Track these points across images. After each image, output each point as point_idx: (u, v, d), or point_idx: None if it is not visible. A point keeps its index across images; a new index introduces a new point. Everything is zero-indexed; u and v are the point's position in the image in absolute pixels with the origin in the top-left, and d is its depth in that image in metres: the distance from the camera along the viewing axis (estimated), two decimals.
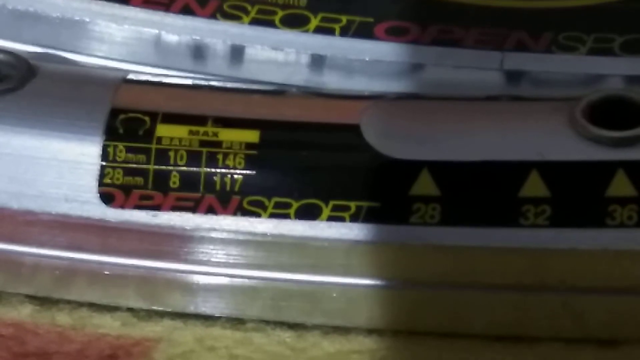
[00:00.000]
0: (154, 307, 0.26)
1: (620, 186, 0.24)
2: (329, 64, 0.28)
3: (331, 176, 0.25)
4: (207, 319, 0.26)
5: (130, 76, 0.27)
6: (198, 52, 0.29)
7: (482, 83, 0.28)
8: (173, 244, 0.25)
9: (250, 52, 0.28)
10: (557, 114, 0.25)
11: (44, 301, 0.26)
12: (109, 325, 0.25)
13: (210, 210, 0.25)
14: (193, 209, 0.25)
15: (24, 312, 0.26)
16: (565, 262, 0.24)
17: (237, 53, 0.28)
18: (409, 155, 0.25)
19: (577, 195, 0.24)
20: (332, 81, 0.28)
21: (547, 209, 0.24)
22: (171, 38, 0.28)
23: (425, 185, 0.24)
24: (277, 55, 0.28)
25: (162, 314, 0.26)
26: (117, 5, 0.28)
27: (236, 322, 0.26)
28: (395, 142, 0.25)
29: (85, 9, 0.28)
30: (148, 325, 0.25)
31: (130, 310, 0.26)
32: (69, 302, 0.26)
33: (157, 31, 0.28)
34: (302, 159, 0.25)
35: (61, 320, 0.26)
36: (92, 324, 0.25)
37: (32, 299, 0.26)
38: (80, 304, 0.26)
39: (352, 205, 0.25)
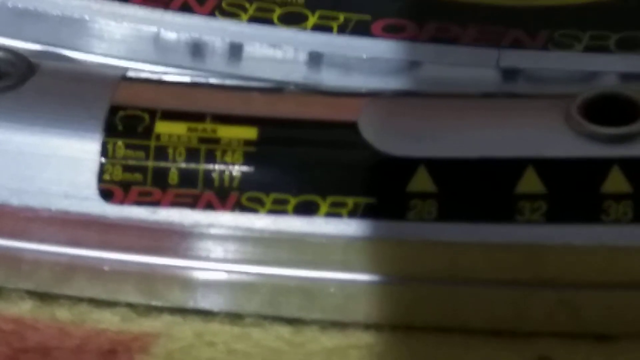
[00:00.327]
0: (153, 303, 0.26)
1: (616, 182, 0.24)
2: (327, 61, 0.28)
3: (329, 173, 0.25)
4: (206, 314, 0.26)
5: (130, 73, 0.27)
6: (197, 49, 0.29)
7: (479, 80, 0.28)
8: (172, 239, 0.25)
9: (249, 49, 0.29)
10: (553, 111, 0.25)
11: (44, 297, 0.26)
12: (108, 320, 0.26)
13: (209, 207, 0.25)
14: (192, 205, 0.25)
15: (24, 308, 0.26)
16: (561, 258, 0.25)
17: (235, 50, 0.29)
18: (406, 152, 0.25)
19: (573, 191, 0.24)
20: (330, 78, 0.28)
21: (542, 205, 0.24)
22: (170, 35, 0.29)
23: (422, 182, 0.25)
24: (275, 52, 0.28)
25: (161, 310, 0.26)
26: (116, 3, 0.28)
27: (235, 317, 0.26)
28: (392, 139, 0.25)
29: (85, 6, 0.28)
30: (147, 321, 0.26)
31: (129, 305, 0.26)
32: (68, 297, 0.26)
33: (156, 29, 0.29)
34: (300, 155, 0.25)
35: (61, 316, 0.26)
36: (91, 319, 0.26)
37: (32, 294, 0.26)
38: (80, 300, 0.26)
39: (350, 201, 0.25)
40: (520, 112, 0.26)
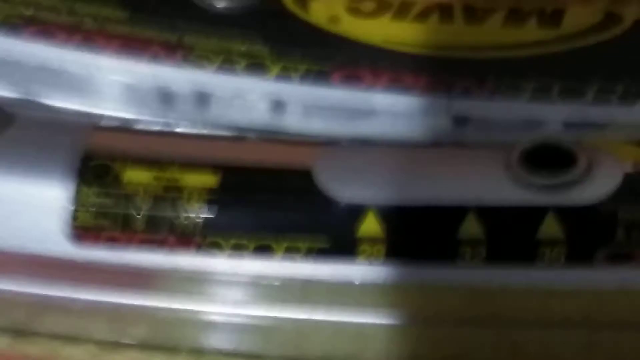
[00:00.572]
0: (121, 340, 0.28)
1: (550, 229, 0.26)
2: (289, 109, 0.30)
3: (284, 218, 0.27)
4: (171, 350, 0.28)
5: (102, 122, 0.29)
6: (166, 97, 0.30)
7: (431, 128, 0.30)
8: (139, 281, 0.27)
9: (215, 97, 0.30)
10: (494, 159, 0.27)
11: (19, 333, 0.28)
12: (78, 357, 0.27)
13: (173, 250, 0.27)
14: (157, 249, 0.27)
15: (1, 343, 0.28)
16: (499, 299, 0.26)
17: (203, 99, 0.30)
18: (357, 199, 0.27)
19: (510, 236, 0.26)
20: (292, 124, 0.30)
21: (482, 249, 0.26)
22: (141, 84, 0.30)
23: (371, 227, 0.26)
24: (239, 101, 0.30)
25: (128, 347, 0.28)
26: (88, 55, 0.30)
27: (197, 353, 0.28)
28: (344, 186, 0.27)
29: (59, 57, 0.30)
30: (114, 357, 0.27)
31: (98, 342, 0.28)
32: (41, 334, 0.28)
33: (128, 79, 0.30)
34: (257, 202, 0.27)
35: (33, 352, 0.27)
36: (62, 356, 0.27)
37: (7, 331, 0.28)
38: (52, 337, 0.28)
39: (303, 245, 0.27)
40: (464, 160, 0.28)
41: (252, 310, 0.27)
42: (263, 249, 0.27)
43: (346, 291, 0.27)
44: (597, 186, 0.26)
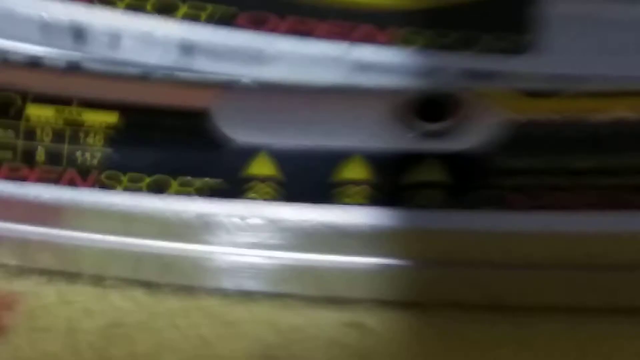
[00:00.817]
0: (25, 265, 0.29)
1: (429, 172, 0.28)
2: (196, 49, 0.31)
3: (178, 157, 0.28)
4: (71, 276, 0.29)
5: (8, 55, 0.30)
6: (77, 33, 0.31)
7: (331, 72, 0.31)
8: (39, 211, 0.28)
9: (125, 36, 0.31)
10: (385, 104, 0.28)
11: None
12: None
13: (72, 183, 0.28)
14: (56, 181, 0.28)
15: None
16: (378, 236, 0.28)
17: (113, 36, 0.31)
18: (250, 138, 0.28)
19: (391, 179, 0.28)
20: (199, 64, 0.31)
21: (365, 189, 0.28)
22: (51, 19, 0.31)
23: (262, 165, 0.28)
24: (148, 39, 0.31)
25: (31, 271, 0.29)
26: None
27: (97, 280, 0.29)
28: (238, 126, 0.28)
29: None
30: (17, 281, 0.29)
31: (3, 266, 0.29)
32: None
33: (38, 12, 0.31)
34: (154, 139, 0.28)
35: None
36: None
37: None
38: None
39: (197, 181, 0.28)
40: (356, 104, 0.29)
41: (147, 241, 0.29)
42: (158, 185, 0.28)
43: (238, 228, 0.28)
44: (475, 133, 0.28)
